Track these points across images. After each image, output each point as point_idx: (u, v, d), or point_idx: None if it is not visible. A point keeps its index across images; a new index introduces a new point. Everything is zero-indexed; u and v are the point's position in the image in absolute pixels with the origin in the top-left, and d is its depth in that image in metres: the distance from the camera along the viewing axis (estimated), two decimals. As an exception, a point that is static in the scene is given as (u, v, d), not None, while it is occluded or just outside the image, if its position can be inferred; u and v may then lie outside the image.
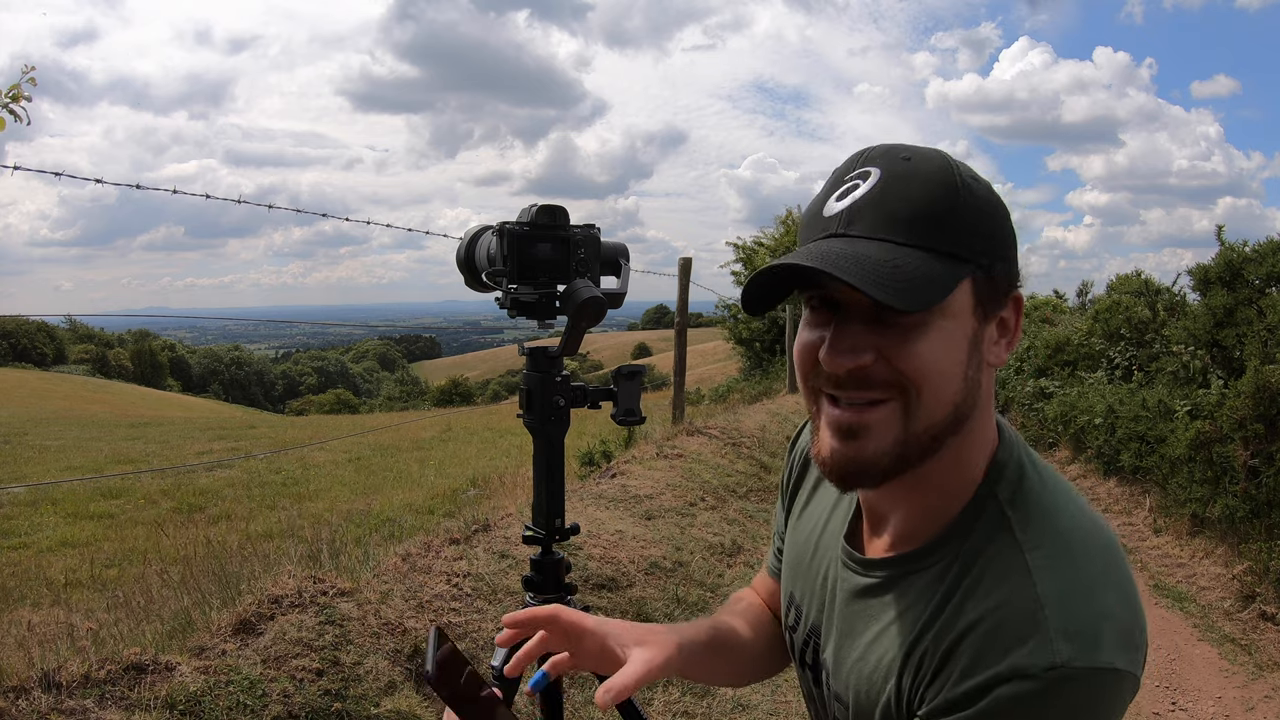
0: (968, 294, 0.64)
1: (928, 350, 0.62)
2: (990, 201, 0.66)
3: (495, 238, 0.94)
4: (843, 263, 0.61)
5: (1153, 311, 8.37)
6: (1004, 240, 0.66)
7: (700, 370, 22.04)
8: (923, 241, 0.62)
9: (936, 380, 0.63)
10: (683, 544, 3.99)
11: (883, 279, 0.59)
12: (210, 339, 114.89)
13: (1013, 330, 0.68)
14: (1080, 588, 0.61)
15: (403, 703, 2.18)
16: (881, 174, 0.64)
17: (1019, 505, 0.66)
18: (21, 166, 2.43)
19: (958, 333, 0.64)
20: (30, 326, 51.39)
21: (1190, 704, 3.36)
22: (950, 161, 0.66)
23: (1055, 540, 0.64)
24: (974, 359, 0.65)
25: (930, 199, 0.63)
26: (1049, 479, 0.70)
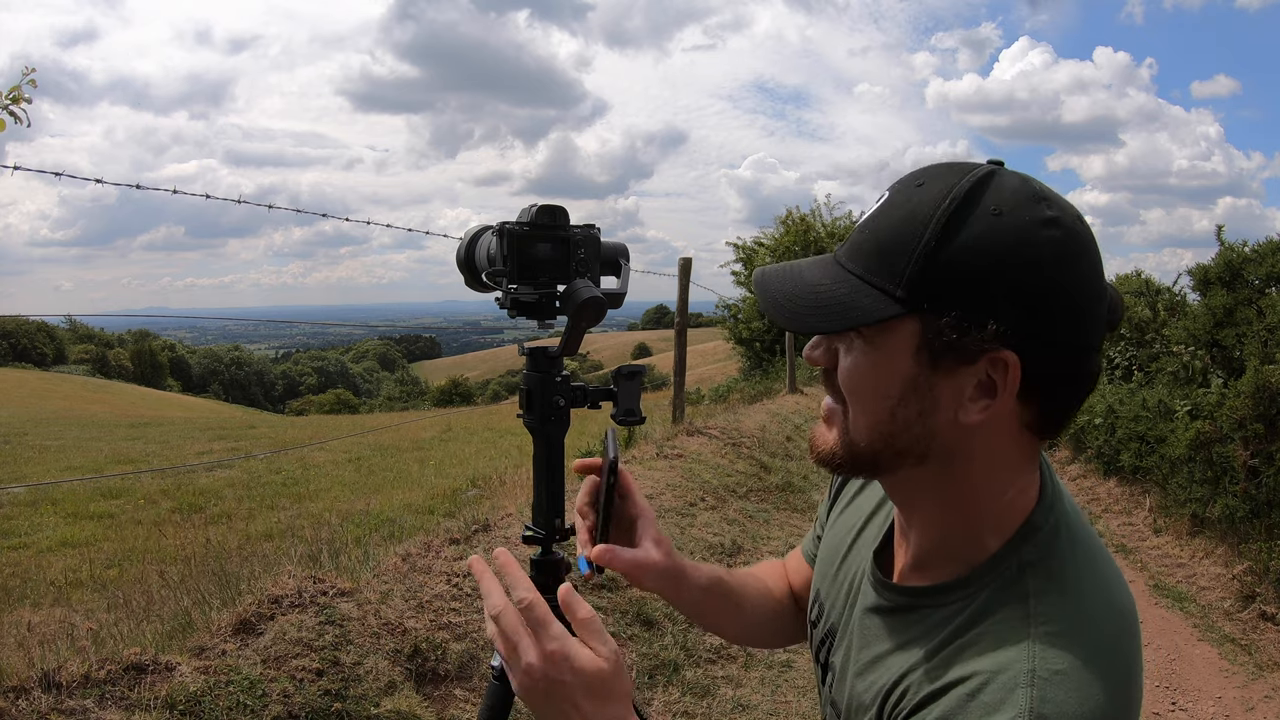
0: (906, 335, 0.61)
1: (854, 370, 0.65)
2: (990, 244, 0.58)
3: (495, 238, 0.94)
4: (775, 282, 0.68)
5: (1153, 311, 8.38)
6: (998, 294, 0.58)
7: (700, 370, 22.07)
8: (865, 273, 0.62)
9: (857, 401, 0.65)
10: (683, 544, 3.99)
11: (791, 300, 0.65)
12: (210, 339, 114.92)
13: (1000, 395, 0.60)
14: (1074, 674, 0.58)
15: (403, 703, 2.19)
16: (886, 198, 0.64)
17: (1040, 574, 0.63)
18: (21, 166, 2.44)
19: (884, 369, 0.62)
20: (30, 326, 51.41)
21: (1190, 704, 3.36)
22: (958, 190, 0.60)
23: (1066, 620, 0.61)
24: (911, 402, 0.62)
25: (893, 232, 0.61)
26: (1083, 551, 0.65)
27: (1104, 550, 0.66)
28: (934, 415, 0.62)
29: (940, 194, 0.60)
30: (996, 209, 0.59)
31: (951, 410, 0.61)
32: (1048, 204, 0.60)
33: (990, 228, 0.58)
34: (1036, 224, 0.58)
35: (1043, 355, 0.59)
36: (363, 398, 60.66)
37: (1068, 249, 0.59)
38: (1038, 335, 0.59)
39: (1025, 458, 0.65)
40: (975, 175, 0.61)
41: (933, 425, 0.62)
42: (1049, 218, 0.59)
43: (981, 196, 0.59)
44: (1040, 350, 0.59)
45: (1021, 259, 0.58)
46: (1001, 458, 0.64)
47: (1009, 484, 0.65)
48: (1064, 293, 0.59)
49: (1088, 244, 0.61)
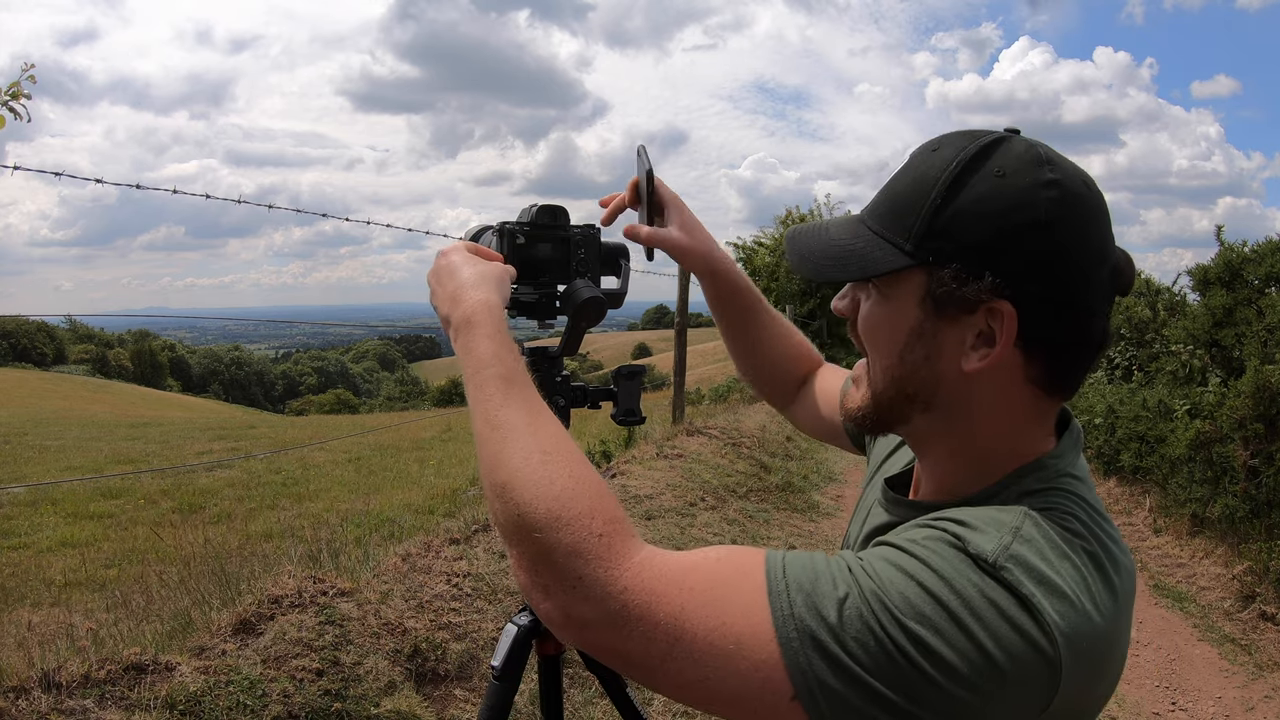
0: (914, 285, 0.65)
1: (866, 319, 0.70)
2: (994, 201, 0.61)
3: (495, 238, 0.94)
4: (804, 239, 0.73)
5: (1153, 311, 8.38)
6: (988, 246, 0.61)
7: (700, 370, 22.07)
8: (881, 229, 0.67)
9: (873, 350, 0.70)
10: (683, 544, 3.99)
11: (815, 255, 0.70)
12: (210, 339, 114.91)
13: (997, 345, 0.63)
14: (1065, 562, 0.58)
15: (403, 703, 2.18)
16: (906, 161, 0.69)
17: (1038, 501, 0.63)
18: (22, 166, 2.44)
19: (894, 316, 0.67)
20: (30, 326, 51.41)
21: (1190, 704, 3.36)
22: (965, 156, 0.63)
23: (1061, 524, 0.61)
24: (916, 347, 0.66)
25: (905, 192, 0.66)
26: (1089, 503, 0.65)
27: (1110, 520, 0.66)
28: (938, 361, 0.66)
29: (950, 157, 0.64)
30: (1000, 171, 0.62)
31: (955, 358, 0.65)
32: (1051, 167, 0.62)
33: (992, 188, 0.62)
34: (1037, 185, 0.61)
35: (1041, 311, 0.62)
36: (363, 398, 60.66)
37: (1067, 210, 0.61)
38: (1034, 291, 0.62)
39: (1032, 411, 0.67)
40: (985, 140, 0.64)
41: (938, 370, 0.66)
42: (1049, 180, 0.62)
43: (987, 160, 0.63)
44: (1038, 305, 0.62)
45: (1019, 217, 0.61)
46: (1005, 408, 0.66)
47: (1015, 433, 0.67)
48: (1062, 251, 0.61)
49: (1090, 207, 0.63)
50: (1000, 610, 0.54)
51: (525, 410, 0.70)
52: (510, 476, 0.64)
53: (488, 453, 0.67)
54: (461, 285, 0.79)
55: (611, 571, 0.58)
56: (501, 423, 0.68)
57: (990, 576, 0.55)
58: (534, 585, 0.61)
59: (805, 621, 0.55)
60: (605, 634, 0.58)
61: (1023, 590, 0.54)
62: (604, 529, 0.60)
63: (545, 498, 0.62)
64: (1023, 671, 0.54)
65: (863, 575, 0.56)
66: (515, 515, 0.62)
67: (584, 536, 0.59)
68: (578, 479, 0.63)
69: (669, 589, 0.58)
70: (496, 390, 0.71)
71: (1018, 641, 0.53)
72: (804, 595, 0.56)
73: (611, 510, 0.62)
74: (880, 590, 0.55)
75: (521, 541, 0.62)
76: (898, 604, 0.54)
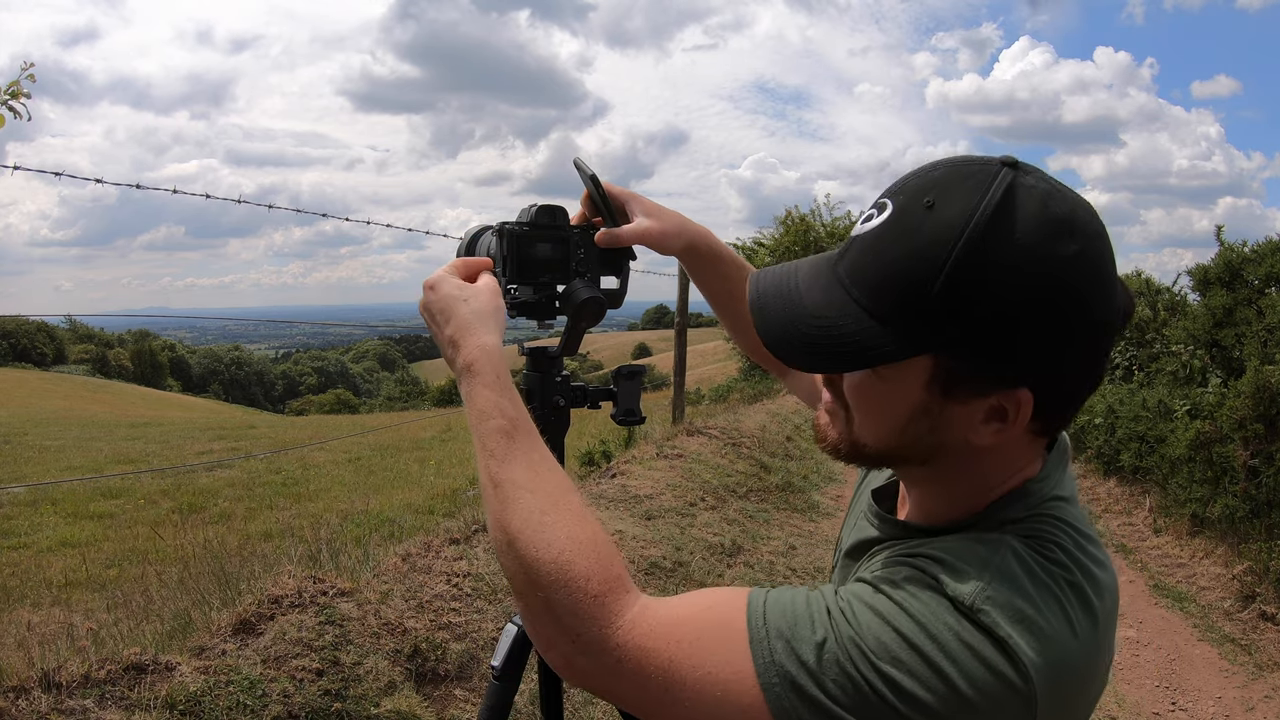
0: (921, 370, 0.61)
1: (860, 391, 0.66)
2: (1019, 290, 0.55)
3: (495, 238, 0.94)
4: (774, 305, 0.66)
5: (1153, 311, 8.38)
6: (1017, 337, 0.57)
7: (700, 370, 22.05)
8: (873, 307, 0.60)
9: (864, 416, 0.66)
10: (683, 544, 3.99)
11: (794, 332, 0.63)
12: (210, 339, 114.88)
13: (1012, 423, 0.61)
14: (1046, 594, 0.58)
15: (403, 703, 2.18)
16: (890, 214, 0.60)
17: (1021, 529, 0.63)
18: (22, 166, 2.44)
19: (894, 395, 0.63)
20: (30, 326, 51.40)
21: (1190, 704, 3.36)
22: (978, 222, 0.56)
23: (1042, 553, 0.61)
24: (922, 422, 0.63)
25: (903, 266, 0.58)
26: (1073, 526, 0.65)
27: (1095, 537, 0.66)
28: (944, 434, 0.63)
29: (956, 222, 0.56)
30: (1020, 238, 0.56)
31: (962, 431, 0.63)
32: (1070, 235, 0.56)
33: (1011, 264, 0.56)
34: (1059, 264, 0.56)
35: (1056, 385, 0.61)
36: (363, 398, 60.64)
37: (1089, 285, 0.57)
38: (1053, 372, 0.59)
39: (1029, 454, 0.67)
40: (992, 200, 0.56)
41: (942, 440, 0.64)
42: (1071, 255, 0.56)
43: (999, 228, 0.56)
44: (1054, 382, 0.60)
45: (1042, 304, 0.56)
46: (1005, 458, 0.66)
47: (1008, 474, 0.67)
48: (1083, 329, 0.58)
49: (1107, 266, 0.59)
50: (975, 652, 0.55)
51: (526, 467, 0.70)
52: (514, 537, 0.66)
53: (492, 510, 0.69)
54: (459, 329, 0.78)
55: (605, 630, 0.61)
56: (503, 480, 0.69)
57: (967, 619, 0.56)
58: (540, 636, 0.65)
59: (785, 667, 0.57)
60: (605, 682, 0.62)
61: (999, 632, 0.55)
62: (599, 589, 0.63)
63: (546, 560, 0.64)
64: (996, 706, 0.55)
65: (840, 620, 0.58)
66: (521, 572, 0.65)
67: (580, 599, 0.62)
68: (576, 540, 0.65)
69: (658, 644, 0.60)
70: (498, 445, 0.71)
71: (992, 682, 0.55)
72: (784, 642, 0.58)
73: (608, 568, 0.64)
74: (857, 635, 0.57)
75: (527, 596, 0.65)
76: (873, 648, 0.56)
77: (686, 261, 1.02)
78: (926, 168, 0.62)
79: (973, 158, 0.61)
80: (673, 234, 0.97)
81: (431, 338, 0.83)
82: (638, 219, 0.96)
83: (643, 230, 0.95)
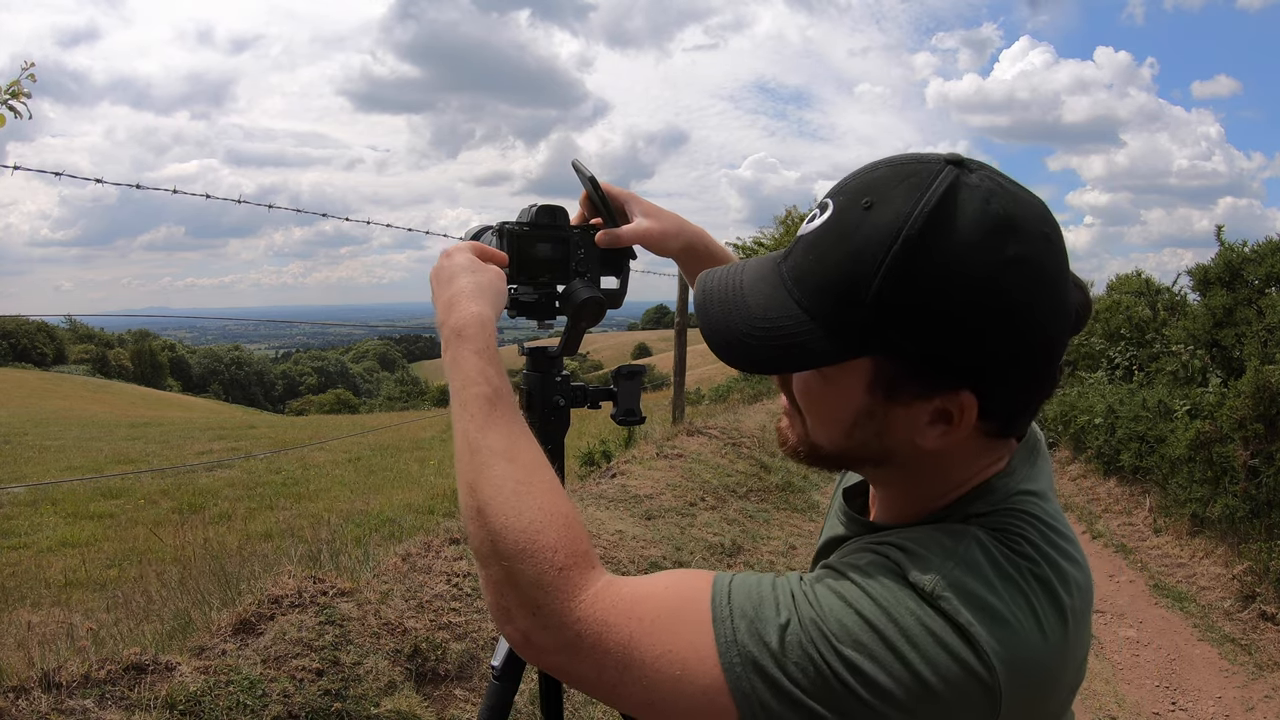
0: (862, 372, 0.61)
1: (806, 391, 0.66)
2: (958, 292, 0.55)
3: (495, 238, 0.94)
4: (717, 307, 0.66)
5: (1153, 311, 8.38)
6: (957, 338, 0.56)
7: (700, 370, 22.05)
8: (813, 308, 0.60)
9: (812, 416, 0.67)
10: (683, 544, 3.99)
11: (733, 334, 0.63)
12: (210, 339, 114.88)
13: (956, 425, 0.60)
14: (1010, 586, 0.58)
15: (403, 703, 2.19)
16: (831, 214, 0.60)
17: (986, 524, 0.62)
18: (22, 166, 2.44)
19: (838, 397, 0.63)
20: (30, 326, 51.40)
21: (1190, 704, 3.36)
22: (913, 224, 0.55)
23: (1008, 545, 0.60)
24: (867, 425, 0.63)
25: (841, 268, 0.58)
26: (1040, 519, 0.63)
27: (1068, 533, 0.65)
28: (889, 436, 0.63)
29: (893, 223, 0.56)
30: (961, 239, 0.55)
31: (907, 434, 0.62)
32: (1012, 235, 0.55)
33: (949, 266, 0.55)
34: (999, 266, 0.55)
35: (1001, 389, 0.59)
36: (363, 398, 60.65)
37: (1032, 288, 0.56)
38: (995, 374, 0.58)
39: (991, 452, 0.66)
40: (930, 201, 0.56)
41: (888, 444, 0.64)
42: (1012, 256, 0.55)
43: (937, 229, 0.55)
44: (998, 385, 0.59)
45: (981, 305, 0.55)
46: (959, 456, 0.65)
47: (970, 473, 0.66)
48: (1026, 331, 0.57)
49: (1053, 270, 0.58)
50: (936, 638, 0.55)
51: (505, 435, 0.69)
52: (485, 503, 0.65)
53: (466, 474, 0.68)
54: (457, 294, 0.78)
55: (568, 603, 0.60)
56: (480, 447, 0.68)
57: (929, 605, 0.56)
58: (498, 608, 0.64)
59: (747, 647, 0.56)
60: (561, 659, 0.61)
61: (960, 619, 0.55)
62: (565, 562, 0.62)
63: (514, 529, 0.63)
64: (959, 694, 0.54)
65: (804, 603, 0.58)
66: (487, 540, 0.64)
67: (545, 569, 0.61)
68: (547, 512, 0.64)
69: (619, 619, 0.59)
70: (479, 410, 0.70)
71: (953, 668, 0.54)
72: (747, 622, 0.57)
73: (575, 543, 0.63)
74: (820, 618, 0.56)
75: (490, 564, 0.64)
76: (835, 631, 0.55)
77: (683, 262, 1.02)
78: (868, 167, 0.61)
79: (916, 156, 0.60)
80: (671, 234, 0.98)
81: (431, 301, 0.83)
82: (637, 219, 0.96)
83: (642, 231, 0.96)
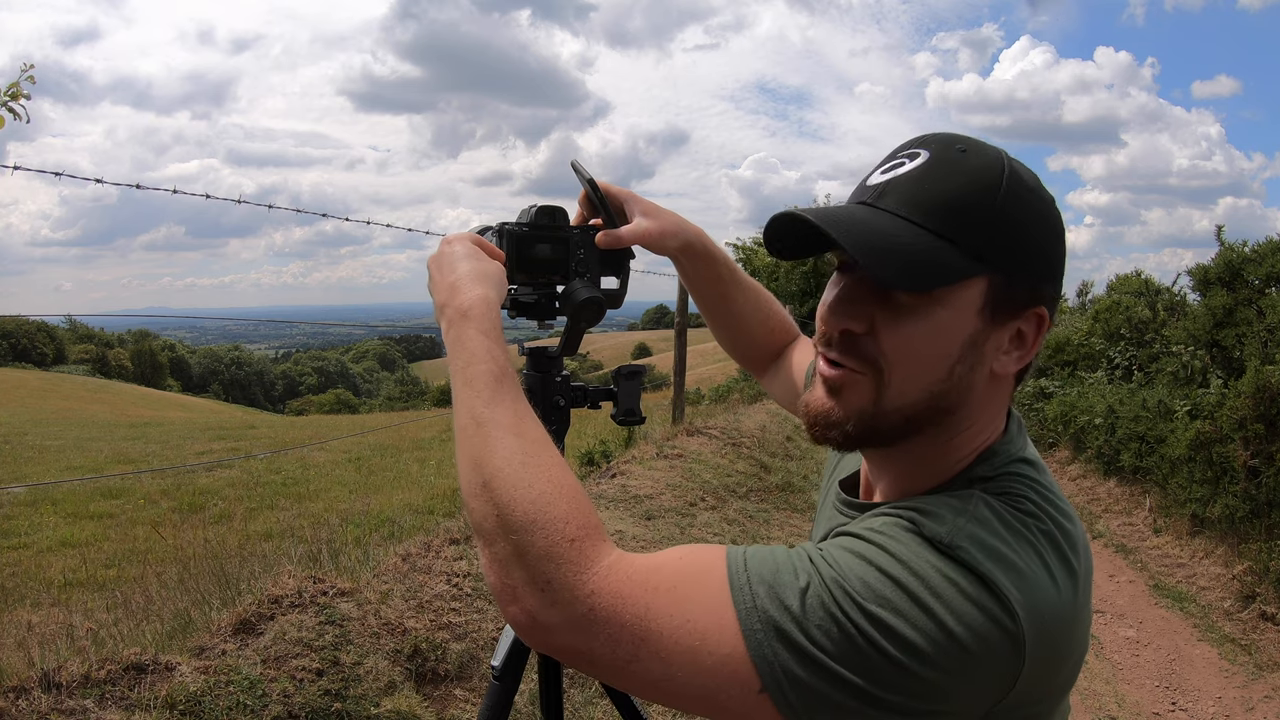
0: (978, 294, 0.63)
1: (914, 334, 0.63)
2: (1036, 214, 0.65)
3: (495, 238, 0.94)
4: (846, 225, 0.62)
5: (1153, 311, 8.38)
6: (1037, 255, 0.65)
7: (700, 370, 22.06)
8: (942, 229, 0.62)
9: (912, 365, 0.63)
10: (683, 544, 3.99)
11: (880, 250, 0.60)
12: (210, 339, 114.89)
13: (1029, 345, 0.66)
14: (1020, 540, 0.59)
15: (403, 703, 2.18)
16: (929, 157, 0.65)
17: (991, 488, 0.64)
18: (22, 166, 2.43)
19: (953, 326, 0.63)
20: (30, 326, 51.42)
21: (1190, 704, 3.36)
22: (1005, 164, 0.65)
23: (1014, 506, 0.62)
24: (968, 358, 0.64)
25: (964, 193, 0.63)
26: (1041, 484, 0.66)
27: (1066, 505, 0.66)
28: (980, 368, 0.65)
29: (993, 163, 0.64)
30: (1030, 184, 0.65)
31: (990, 361, 0.66)
32: (1045, 188, 0.68)
33: (1032, 200, 0.65)
34: (1050, 201, 0.67)
35: (1052, 312, 0.67)
36: (363, 398, 60.69)
37: (1060, 224, 0.68)
38: (1053, 295, 0.67)
39: (1006, 402, 0.71)
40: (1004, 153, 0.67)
41: (975, 378, 0.66)
42: (1051, 199, 0.67)
43: (1019, 167, 0.66)
44: (1052, 307, 0.67)
45: (1053, 228, 0.66)
46: (997, 403, 0.69)
47: (988, 427, 0.69)
48: (1063, 259, 0.68)
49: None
50: (960, 589, 0.54)
51: (512, 410, 0.68)
52: (491, 476, 0.64)
53: (470, 449, 0.67)
54: (461, 277, 0.78)
55: (580, 575, 0.58)
56: (487, 420, 0.67)
57: (947, 557, 0.56)
58: (503, 587, 0.61)
59: (769, 612, 0.55)
60: (571, 637, 0.58)
61: (981, 569, 0.55)
62: (577, 534, 0.60)
63: (524, 500, 0.62)
64: (987, 647, 0.54)
65: (823, 564, 0.57)
66: (493, 514, 0.63)
67: (557, 540, 0.60)
68: (556, 483, 0.63)
69: (635, 590, 0.58)
70: (485, 386, 0.69)
71: (980, 618, 0.54)
72: (766, 587, 0.57)
73: (586, 516, 0.62)
74: (840, 577, 0.55)
75: (495, 541, 0.62)
76: (858, 589, 0.55)
77: (681, 261, 1.01)
78: (923, 135, 0.70)
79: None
80: (670, 233, 0.97)
81: (429, 291, 0.82)
82: (636, 219, 0.96)
83: (641, 231, 0.95)
